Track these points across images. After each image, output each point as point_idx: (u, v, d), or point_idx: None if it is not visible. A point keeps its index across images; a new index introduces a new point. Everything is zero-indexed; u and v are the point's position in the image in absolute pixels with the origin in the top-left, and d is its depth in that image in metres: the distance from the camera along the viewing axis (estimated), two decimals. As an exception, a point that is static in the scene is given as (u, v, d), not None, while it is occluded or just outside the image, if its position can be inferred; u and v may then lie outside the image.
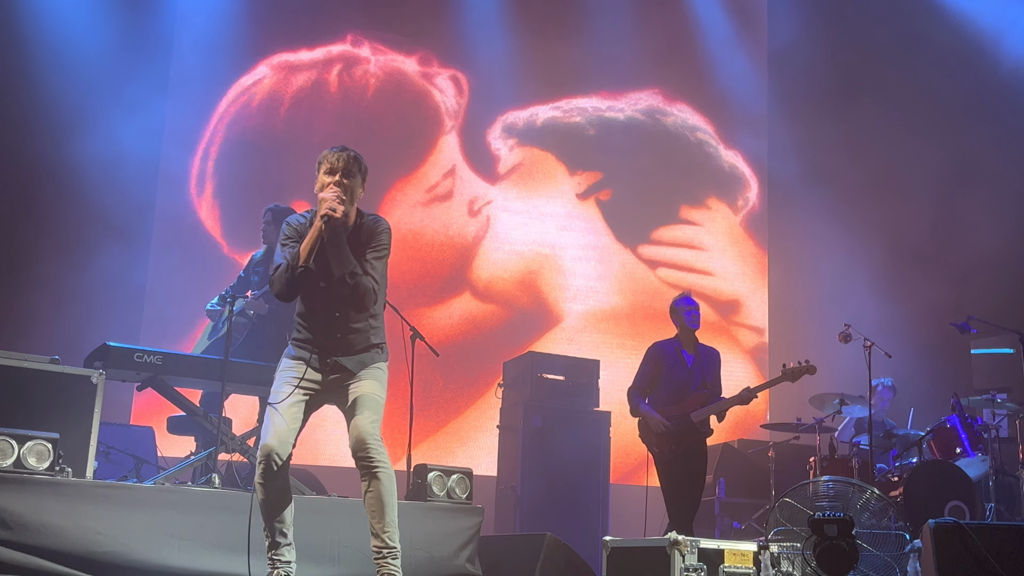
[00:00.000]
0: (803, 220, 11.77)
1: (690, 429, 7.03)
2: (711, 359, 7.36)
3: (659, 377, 7.29)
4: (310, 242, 4.64)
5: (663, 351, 7.35)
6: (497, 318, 11.26)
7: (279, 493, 4.74)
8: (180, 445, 7.93)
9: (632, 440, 10.35)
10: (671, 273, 11.86)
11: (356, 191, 4.80)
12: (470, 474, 6.62)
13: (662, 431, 7.05)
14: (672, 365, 7.25)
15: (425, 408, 10.45)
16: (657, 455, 7.17)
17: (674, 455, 7.05)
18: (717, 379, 7.32)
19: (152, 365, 6.31)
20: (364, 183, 4.87)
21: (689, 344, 7.33)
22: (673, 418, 7.06)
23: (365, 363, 4.85)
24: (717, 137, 12.34)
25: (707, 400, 7.08)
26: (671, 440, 7.04)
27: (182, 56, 10.77)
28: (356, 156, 4.83)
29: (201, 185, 10.62)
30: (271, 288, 4.83)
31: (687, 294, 7.48)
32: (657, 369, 7.30)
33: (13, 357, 5.88)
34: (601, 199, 11.86)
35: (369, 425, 4.71)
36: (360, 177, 4.82)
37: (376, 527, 4.70)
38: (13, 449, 5.23)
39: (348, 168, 4.77)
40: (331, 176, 4.73)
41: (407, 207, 11.08)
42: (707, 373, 7.22)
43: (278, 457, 4.63)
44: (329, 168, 4.77)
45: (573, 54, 11.92)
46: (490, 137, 11.61)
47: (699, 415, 7.04)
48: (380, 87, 11.35)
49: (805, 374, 7.11)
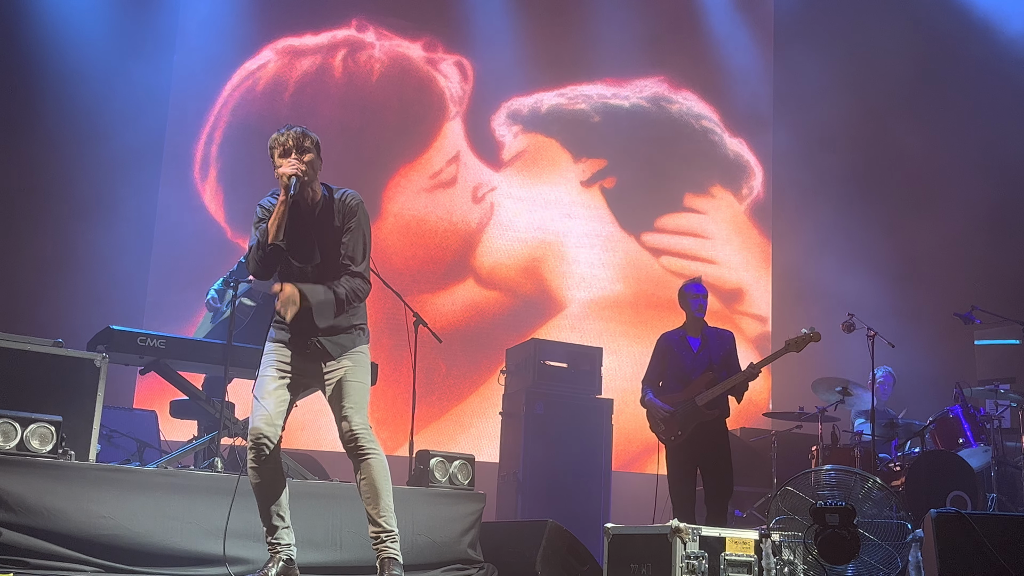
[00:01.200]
0: (807, 209, 11.75)
1: (695, 412, 7.02)
2: (721, 341, 7.32)
3: (667, 366, 7.31)
4: (277, 217, 4.64)
5: (669, 340, 7.37)
6: (500, 305, 11.26)
7: (272, 477, 4.75)
8: (183, 429, 7.95)
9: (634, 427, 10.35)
10: (675, 261, 11.85)
11: (315, 164, 4.78)
12: (472, 460, 6.63)
13: (664, 416, 7.06)
14: (678, 353, 7.26)
15: (428, 394, 10.46)
16: (664, 442, 7.19)
17: (681, 440, 7.06)
18: (729, 360, 7.24)
19: (155, 349, 6.32)
20: (320, 154, 4.82)
21: (694, 330, 7.32)
22: (678, 403, 7.07)
23: (346, 346, 4.81)
24: (722, 125, 12.31)
25: (713, 382, 7.06)
26: (676, 425, 7.05)
27: (187, 40, 10.74)
28: (303, 131, 4.79)
29: (205, 170, 10.61)
30: (247, 268, 4.82)
31: (697, 280, 7.42)
32: (664, 359, 7.32)
33: (16, 340, 5.88)
34: (605, 187, 11.84)
35: (354, 414, 4.72)
36: (315, 151, 4.79)
37: (372, 513, 4.72)
38: (16, 432, 5.24)
39: (299, 144, 4.75)
40: (286, 158, 4.72)
41: (411, 193, 11.06)
42: (714, 356, 7.20)
43: (268, 440, 4.65)
44: (282, 151, 4.76)
45: (578, 41, 11.89)
46: (494, 124, 11.59)
47: (704, 398, 7.03)
48: (385, 72, 11.32)
49: (810, 342, 7.05)
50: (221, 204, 10.56)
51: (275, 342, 4.82)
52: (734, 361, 7.27)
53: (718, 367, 7.13)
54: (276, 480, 4.77)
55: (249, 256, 4.76)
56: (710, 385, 7.05)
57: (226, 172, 10.62)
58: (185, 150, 10.59)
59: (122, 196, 9.87)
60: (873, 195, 11.58)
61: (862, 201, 11.51)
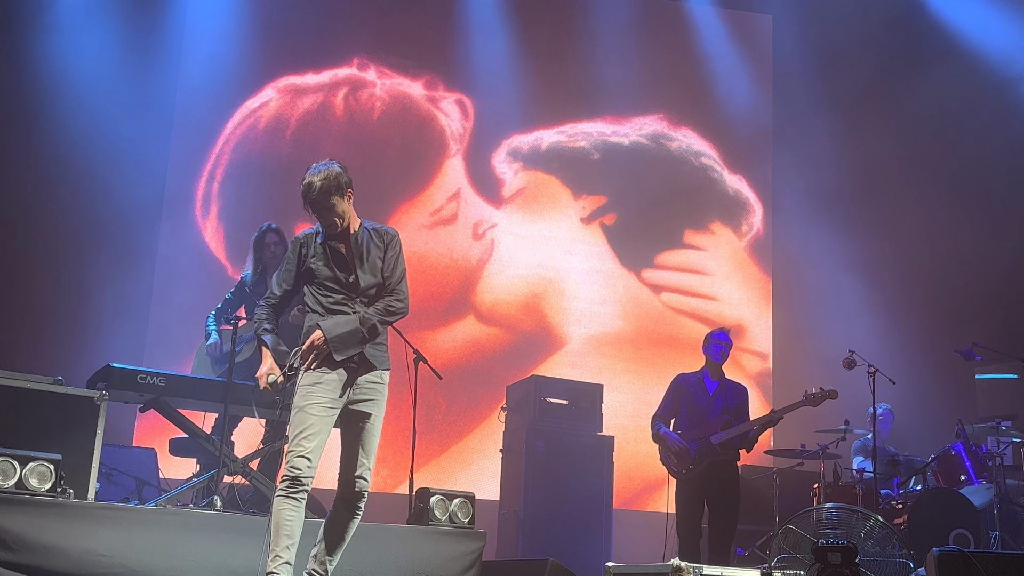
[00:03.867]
0: (807, 246, 11.76)
1: (709, 450, 7.12)
2: (736, 392, 7.52)
3: (680, 405, 7.46)
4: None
5: (685, 380, 7.57)
6: (501, 341, 11.25)
7: (296, 512, 4.75)
8: (182, 467, 7.91)
9: (635, 465, 10.35)
10: (675, 298, 11.85)
11: (339, 209, 4.97)
12: (472, 498, 6.60)
13: (679, 450, 7.14)
14: (693, 393, 7.45)
15: (428, 431, 10.44)
16: (675, 475, 7.27)
17: (692, 474, 7.14)
18: (742, 411, 7.43)
19: (155, 386, 6.31)
20: (344, 192, 4.99)
21: (714, 375, 7.51)
22: (693, 440, 7.17)
23: (380, 361, 5.00)
24: (721, 162, 12.35)
25: (730, 424, 7.19)
26: (688, 460, 7.14)
27: (189, 79, 10.81)
28: (321, 184, 4.92)
29: (206, 207, 10.64)
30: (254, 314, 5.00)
31: (723, 329, 7.63)
32: (678, 397, 7.49)
33: (17, 377, 5.88)
34: (605, 223, 11.86)
35: (367, 469, 4.90)
36: (335, 197, 4.94)
37: (324, 555, 4.87)
38: (15, 470, 5.23)
39: (318, 204, 4.93)
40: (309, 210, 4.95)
41: (412, 230, 11.09)
42: (730, 402, 7.35)
43: (305, 479, 4.73)
44: (304, 204, 4.97)
45: (578, 79, 11.96)
46: (495, 161, 11.63)
47: (720, 438, 7.15)
48: (386, 110, 11.38)
49: (827, 399, 7.27)
50: (222, 241, 10.58)
51: (317, 370, 4.87)
52: (746, 413, 7.44)
53: (734, 412, 7.27)
54: (298, 515, 4.75)
55: (258, 309, 5.07)
56: (726, 427, 7.16)
57: (227, 209, 10.66)
58: (187, 187, 10.63)
59: (123, 233, 9.91)
60: (873, 233, 11.59)
61: (861, 238, 11.52)
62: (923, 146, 11.39)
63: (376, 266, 5.07)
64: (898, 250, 11.51)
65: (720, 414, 7.26)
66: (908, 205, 11.43)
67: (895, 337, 10.65)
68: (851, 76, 11.91)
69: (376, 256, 5.07)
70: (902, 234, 11.49)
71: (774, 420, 7.29)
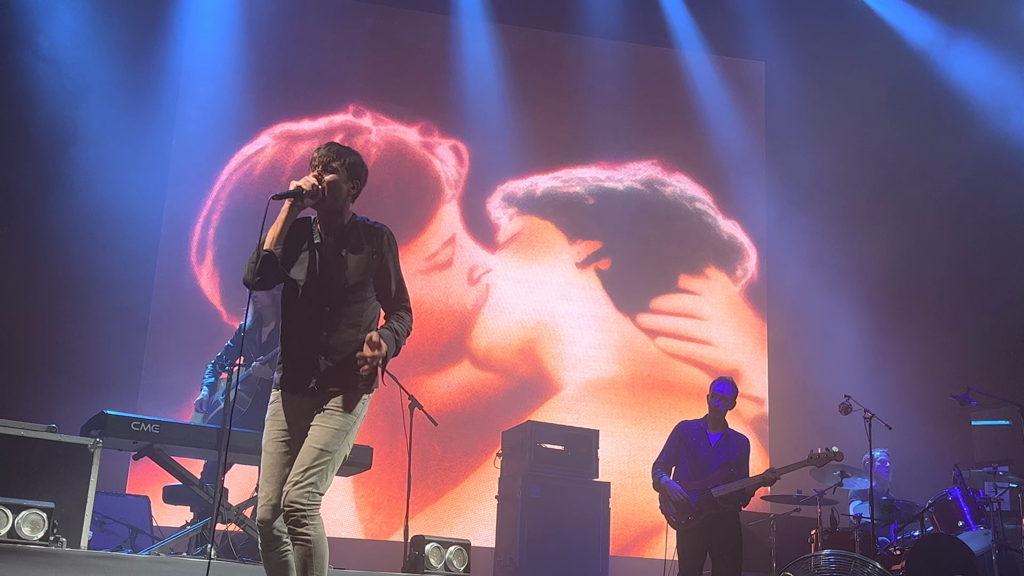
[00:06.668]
0: (802, 290, 11.79)
1: (710, 503, 7.12)
2: (739, 443, 7.49)
3: (681, 453, 7.45)
4: (278, 225, 4.59)
5: (687, 429, 7.55)
6: (496, 387, 11.23)
7: (281, 561, 4.42)
8: (176, 515, 7.86)
9: (632, 511, 10.29)
10: (671, 342, 11.85)
11: (338, 186, 4.73)
12: (468, 545, 6.57)
13: (679, 500, 7.12)
14: (695, 443, 7.44)
15: (423, 478, 10.38)
16: (674, 525, 7.26)
17: (691, 526, 7.13)
18: (743, 462, 7.41)
19: (149, 434, 6.29)
20: (354, 176, 4.79)
21: (715, 425, 7.49)
22: (694, 491, 7.15)
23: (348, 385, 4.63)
24: (716, 207, 12.40)
25: (732, 478, 7.17)
26: (688, 511, 7.13)
27: (184, 125, 10.87)
28: (337, 150, 4.72)
29: (202, 253, 10.66)
30: (243, 277, 4.69)
31: (726, 380, 7.58)
32: (679, 446, 7.48)
33: (10, 425, 5.86)
34: (600, 268, 11.89)
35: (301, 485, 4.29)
36: (344, 172, 4.73)
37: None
38: (8, 519, 5.20)
39: (326, 163, 4.72)
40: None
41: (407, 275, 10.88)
42: (732, 454, 7.33)
43: (274, 528, 4.36)
44: (312, 167, 4.72)
45: (573, 125, 12.04)
46: (490, 206, 11.68)
47: (721, 491, 7.14)
48: (381, 156, 11.44)
49: (832, 460, 7.25)
50: (217, 287, 10.59)
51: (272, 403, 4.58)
52: (746, 465, 7.42)
53: (736, 464, 7.26)
54: (284, 562, 4.43)
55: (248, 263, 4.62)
56: (727, 480, 7.15)
57: (222, 256, 10.67)
58: (182, 233, 10.65)
59: (118, 279, 9.90)
60: (867, 279, 11.62)
61: (855, 284, 11.56)
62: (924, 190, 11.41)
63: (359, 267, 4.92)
64: (894, 296, 11.52)
65: (722, 466, 7.24)
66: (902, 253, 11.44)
67: (891, 382, 10.65)
68: (846, 120, 11.98)
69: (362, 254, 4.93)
70: (899, 281, 11.50)
71: (771, 479, 7.26)
